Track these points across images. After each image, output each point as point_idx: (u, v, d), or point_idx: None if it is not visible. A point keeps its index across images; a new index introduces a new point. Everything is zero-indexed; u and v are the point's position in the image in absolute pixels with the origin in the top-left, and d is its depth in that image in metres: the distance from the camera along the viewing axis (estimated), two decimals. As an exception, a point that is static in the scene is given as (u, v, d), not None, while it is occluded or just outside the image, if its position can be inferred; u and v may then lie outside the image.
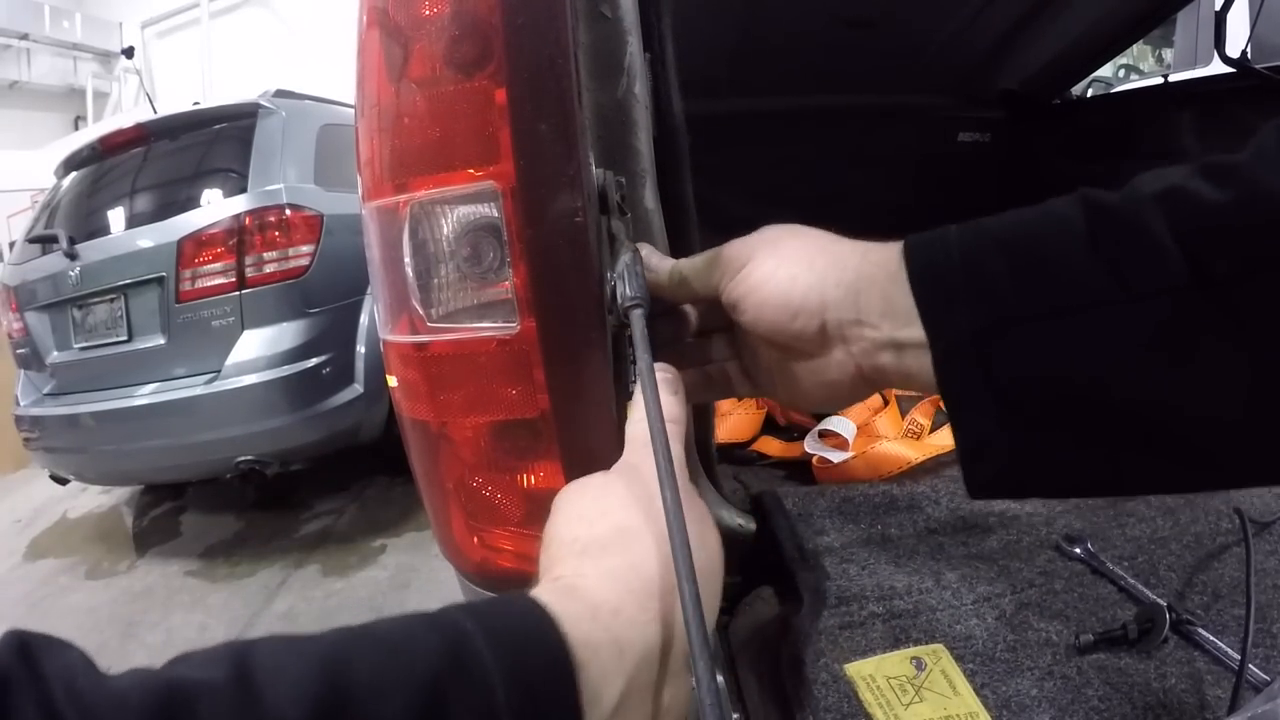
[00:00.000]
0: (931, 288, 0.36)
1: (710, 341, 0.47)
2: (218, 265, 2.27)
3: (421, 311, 0.46)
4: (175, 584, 2.47)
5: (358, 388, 2.48)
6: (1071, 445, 0.34)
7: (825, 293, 0.39)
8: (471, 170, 0.42)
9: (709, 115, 1.87)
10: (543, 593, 0.29)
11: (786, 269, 0.40)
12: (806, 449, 0.75)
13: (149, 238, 2.35)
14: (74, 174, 2.75)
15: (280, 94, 2.70)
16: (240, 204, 2.30)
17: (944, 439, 0.79)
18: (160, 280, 2.31)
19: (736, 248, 0.42)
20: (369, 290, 1.05)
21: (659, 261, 0.45)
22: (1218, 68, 1.63)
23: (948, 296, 0.35)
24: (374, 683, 0.24)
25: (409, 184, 0.45)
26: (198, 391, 2.25)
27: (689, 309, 0.47)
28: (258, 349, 2.27)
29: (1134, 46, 3.64)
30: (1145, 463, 0.33)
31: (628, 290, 0.42)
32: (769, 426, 0.83)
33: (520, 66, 0.41)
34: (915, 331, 0.36)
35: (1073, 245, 0.33)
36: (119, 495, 3.31)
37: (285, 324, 2.31)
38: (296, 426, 2.31)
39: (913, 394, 0.90)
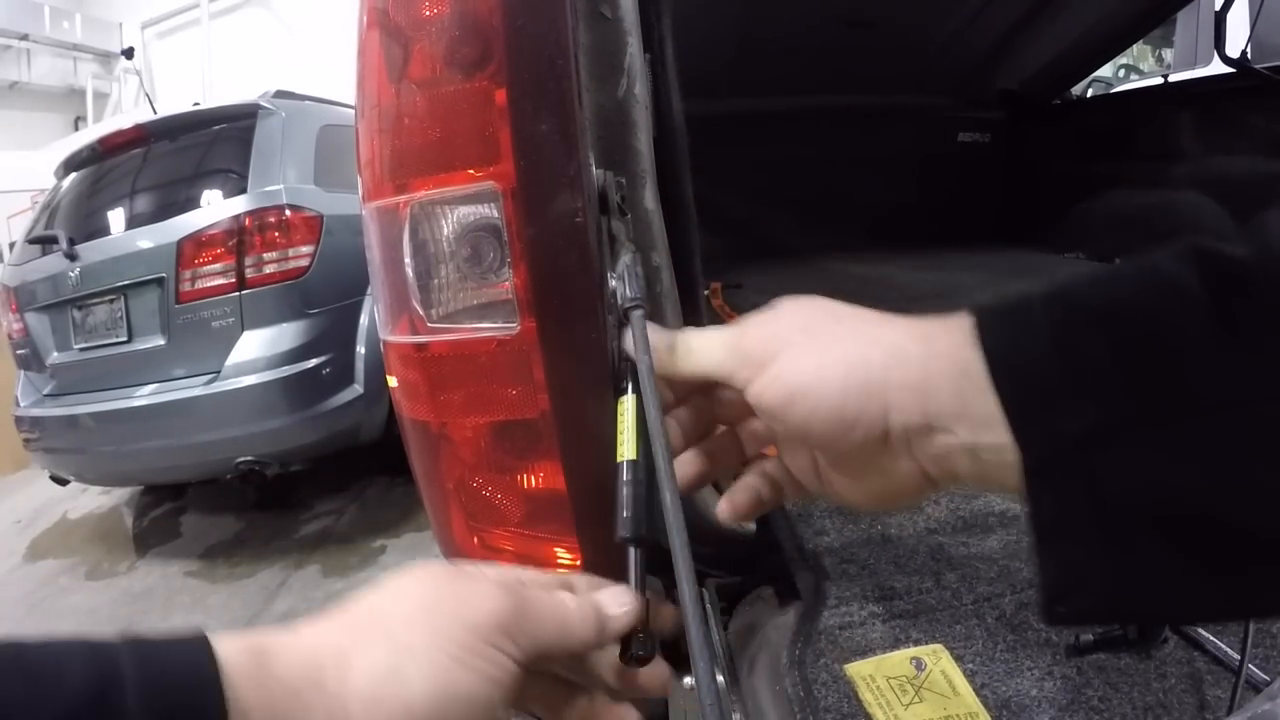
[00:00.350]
0: (1018, 384, 0.29)
1: (737, 435, 0.40)
2: (217, 266, 2.28)
3: (422, 312, 0.46)
4: (175, 585, 2.47)
5: (357, 388, 2.48)
6: (1195, 570, 0.27)
7: (888, 397, 0.31)
8: (472, 171, 0.42)
9: (709, 115, 1.87)
10: (238, 641, 0.28)
11: (834, 368, 0.32)
12: (806, 449, 0.75)
13: (149, 238, 2.35)
14: (74, 175, 2.75)
15: (280, 94, 2.70)
16: (240, 205, 2.30)
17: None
18: (160, 281, 2.31)
19: (759, 339, 0.34)
20: (369, 291, 1.05)
21: (660, 335, 0.38)
22: (1218, 68, 1.63)
23: (1041, 395, 0.28)
24: (4, 708, 0.23)
25: (409, 184, 0.45)
26: (197, 392, 2.25)
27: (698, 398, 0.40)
28: (257, 349, 2.27)
29: (1134, 46, 3.65)
30: None
31: (628, 290, 0.42)
32: (769, 427, 0.83)
33: (520, 67, 0.41)
34: (999, 436, 0.29)
35: (1197, 325, 0.26)
36: (119, 496, 3.31)
37: (285, 324, 2.31)
38: (296, 427, 2.31)
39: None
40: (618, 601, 0.35)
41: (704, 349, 0.36)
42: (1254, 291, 0.26)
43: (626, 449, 0.40)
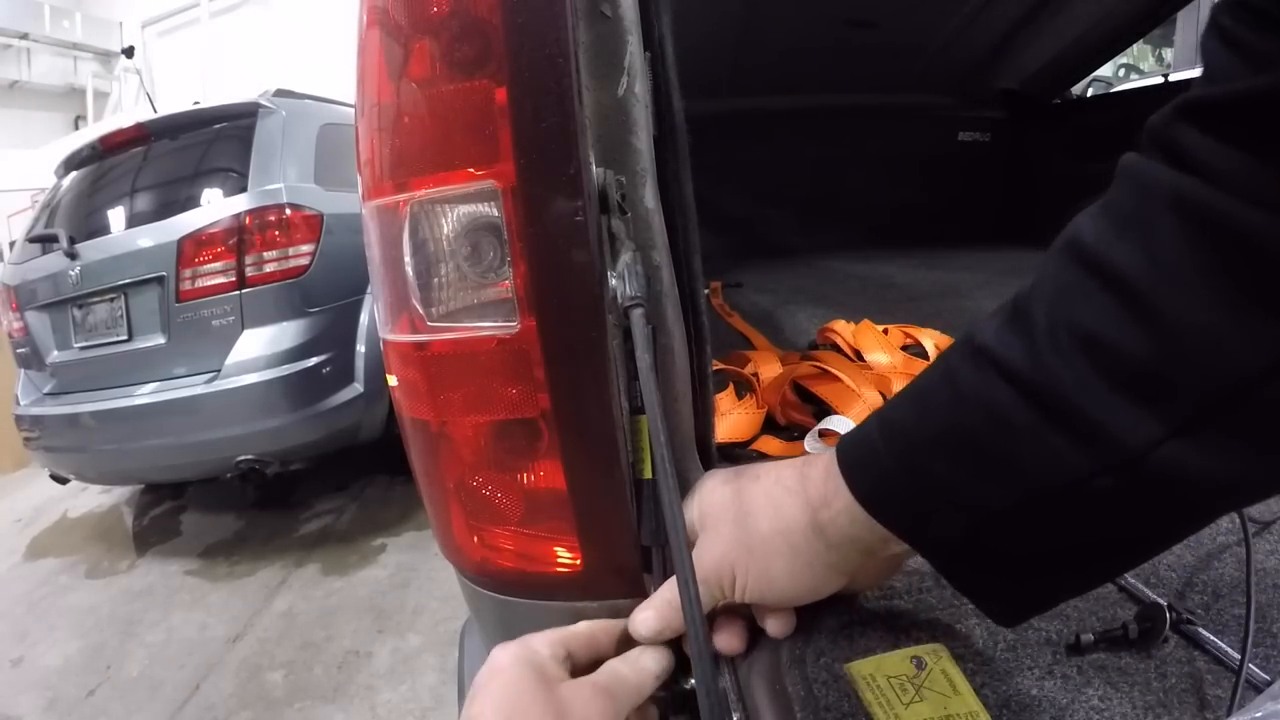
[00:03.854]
0: (899, 517, 0.37)
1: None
2: (218, 265, 2.28)
3: (421, 311, 0.46)
4: (175, 583, 2.47)
5: (357, 387, 2.48)
6: (1086, 577, 0.37)
7: (828, 561, 0.41)
8: (471, 170, 0.42)
9: (709, 115, 1.87)
10: None
11: (777, 561, 0.41)
12: (806, 449, 0.75)
13: (149, 237, 2.35)
14: (74, 173, 2.75)
15: (280, 93, 2.70)
16: (240, 203, 2.31)
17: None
18: (160, 280, 2.31)
19: (710, 561, 0.43)
20: (369, 290, 1.05)
21: (655, 618, 0.44)
22: (1218, 67, 1.63)
23: (915, 519, 0.37)
24: None
25: (409, 183, 0.44)
26: (198, 391, 2.25)
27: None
28: (258, 348, 2.27)
29: (1134, 46, 3.64)
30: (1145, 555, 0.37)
31: (628, 289, 0.42)
32: (769, 426, 0.83)
33: (520, 66, 0.41)
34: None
35: (1002, 430, 0.33)
36: (119, 494, 3.31)
37: (285, 323, 2.31)
38: (296, 426, 2.32)
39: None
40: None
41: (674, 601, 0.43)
42: (1028, 390, 0.32)
43: (648, 467, 0.45)
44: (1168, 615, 0.46)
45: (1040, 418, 0.32)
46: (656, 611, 0.44)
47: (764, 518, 0.42)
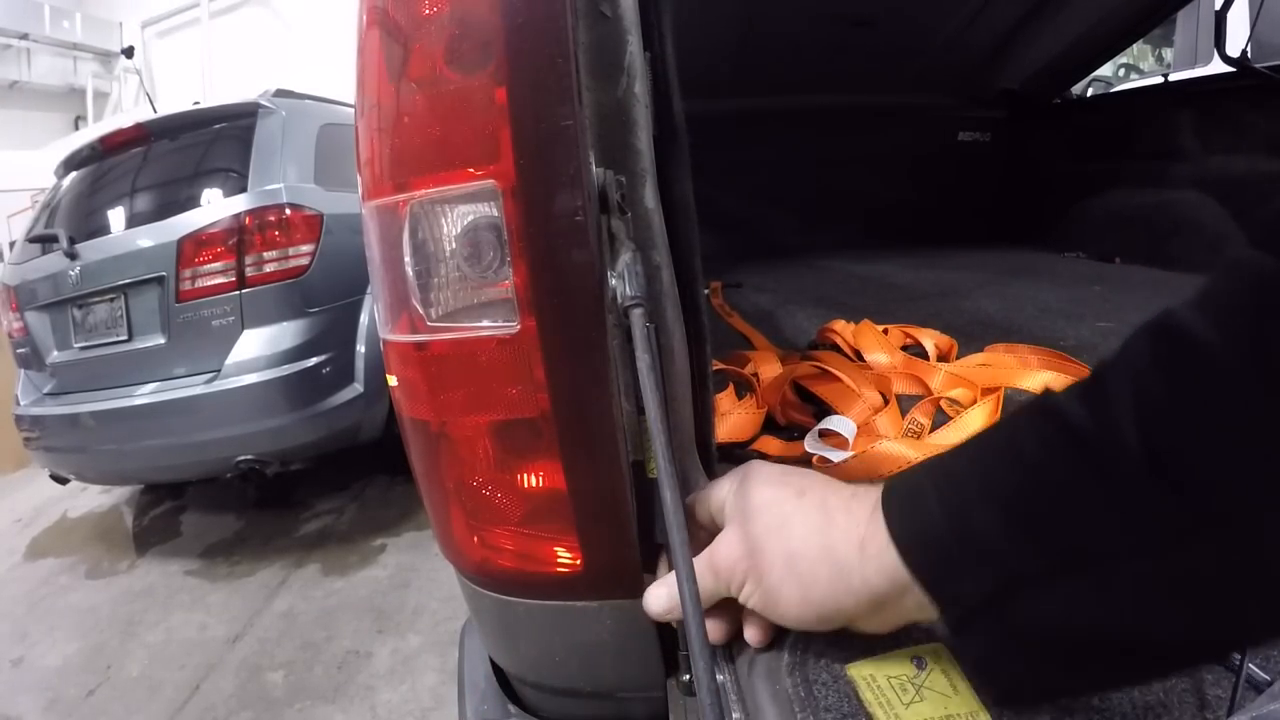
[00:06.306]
0: (929, 564, 0.36)
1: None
2: (218, 265, 2.28)
3: (421, 311, 0.46)
4: (175, 583, 2.47)
5: (358, 387, 2.48)
6: (1102, 674, 0.34)
7: (840, 602, 0.39)
8: (471, 169, 0.42)
9: (709, 115, 1.87)
10: None
11: (792, 582, 0.40)
12: (806, 449, 0.75)
13: (149, 237, 2.35)
14: (74, 174, 2.75)
15: (280, 94, 2.70)
16: (240, 203, 2.31)
17: (944, 438, 0.79)
18: (160, 280, 2.31)
19: (729, 558, 0.43)
20: (369, 290, 1.05)
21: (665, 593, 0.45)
22: (1218, 67, 1.63)
23: (945, 570, 0.35)
24: None
25: (409, 183, 0.44)
26: (198, 391, 2.25)
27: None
28: (258, 348, 2.27)
29: (1134, 46, 3.64)
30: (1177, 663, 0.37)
31: (628, 289, 0.42)
32: (769, 426, 0.83)
33: (520, 66, 0.41)
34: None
35: (1061, 494, 0.32)
36: (119, 495, 3.31)
37: (285, 323, 2.31)
38: (296, 426, 2.32)
39: (913, 394, 0.90)
40: None
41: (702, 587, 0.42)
42: (1093, 457, 0.31)
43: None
44: (1168, 615, 0.46)
45: (1096, 484, 0.31)
46: (669, 590, 0.45)
47: (795, 539, 0.41)
